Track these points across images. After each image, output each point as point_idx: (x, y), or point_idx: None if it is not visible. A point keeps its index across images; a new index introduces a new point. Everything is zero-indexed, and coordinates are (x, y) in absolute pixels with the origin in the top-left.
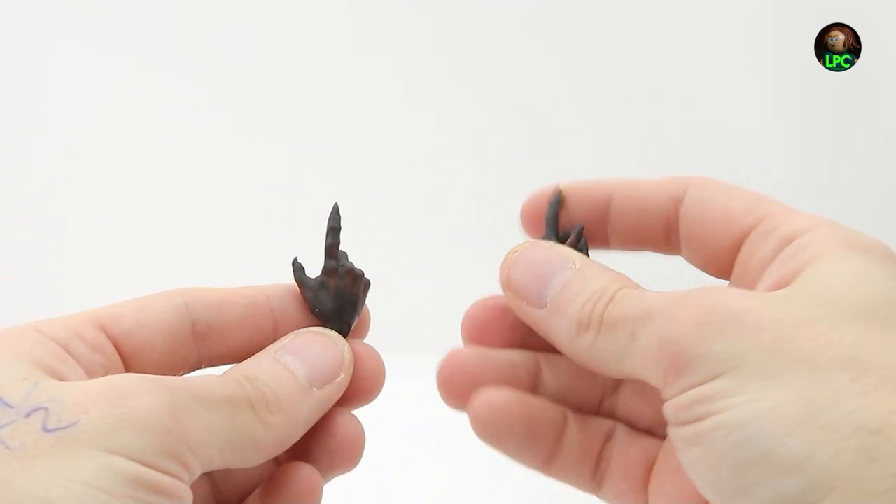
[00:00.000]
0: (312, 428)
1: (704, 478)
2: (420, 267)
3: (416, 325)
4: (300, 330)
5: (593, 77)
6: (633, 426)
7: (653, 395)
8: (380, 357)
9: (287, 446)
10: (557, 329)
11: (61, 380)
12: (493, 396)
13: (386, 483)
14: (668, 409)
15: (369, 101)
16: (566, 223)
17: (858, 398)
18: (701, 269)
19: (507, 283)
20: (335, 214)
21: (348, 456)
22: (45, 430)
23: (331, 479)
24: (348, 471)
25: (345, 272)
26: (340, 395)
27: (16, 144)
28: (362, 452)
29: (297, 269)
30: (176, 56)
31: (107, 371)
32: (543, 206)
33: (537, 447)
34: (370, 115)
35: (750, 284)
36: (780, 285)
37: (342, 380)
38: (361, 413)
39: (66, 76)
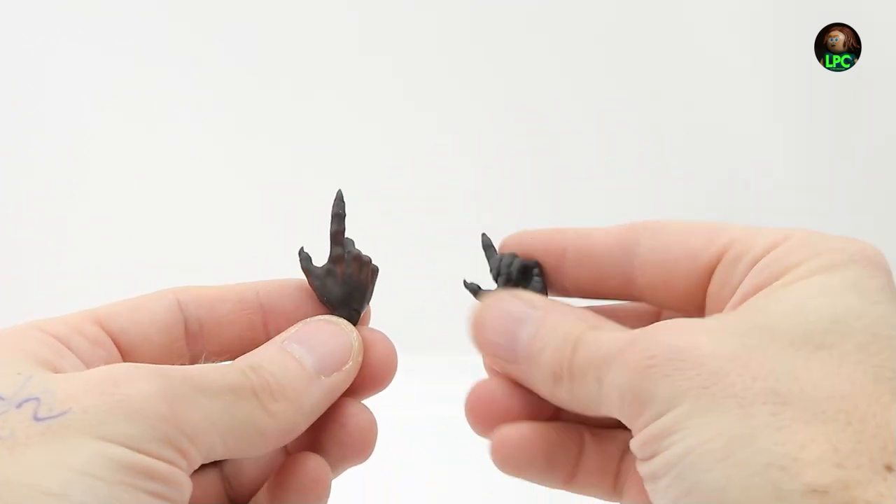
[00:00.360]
0: (324, 419)
1: None
2: (420, 267)
3: (416, 325)
4: (308, 319)
5: (593, 77)
6: None
7: None
8: (391, 343)
9: (294, 435)
10: (535, 380)
11: (60, 373)
12: (511, 433)
13: (386, 483)
14: (633, 447)
15: (369, 101)
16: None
17: (774, 433)
18: (672, 311)
19: (478, 345)
20: (339, 201)
21: (360, 447)
22: (36, 419)
23: (343, 470)
24: (361, 462)
25: (351, 259)
26: (350, 382)
27: (16, 144)
28: (374, 444)
29: (304, 258)
30: (176, 56)
31: (107, 364)
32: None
33: (556, 472)
34: (370, 115)
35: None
36: (741, 302)
37: (350, 367)
38: None
39: (66, 76)
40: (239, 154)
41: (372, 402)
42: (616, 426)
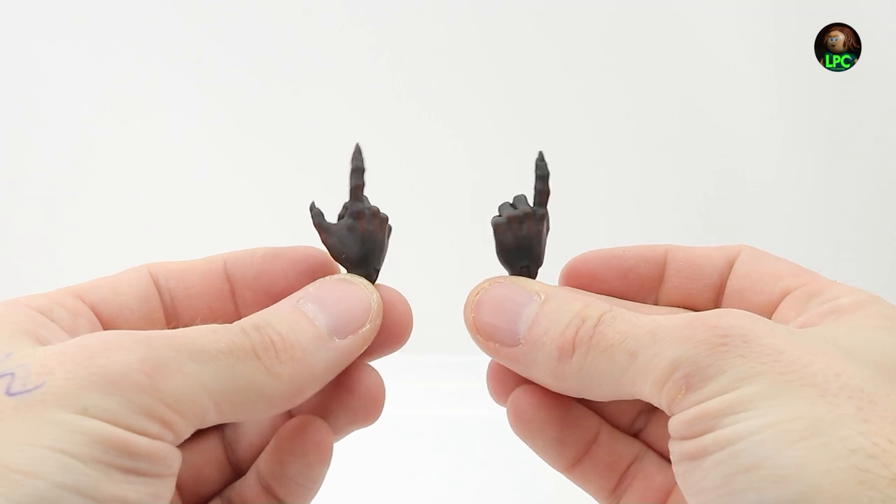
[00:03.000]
0: (330, 381)
1: (692, 487)
2: (420, 267)
3: (416, 325)
4: (327, 277)
5: (593, 77)
6: (662, 455)
7: None
8: (407, 303)
9: (301, 399)
10: (536, 362)
11: (44, 344)
12: (533, 393)
13: (386, 482)
14: (673, 425)
15: (369, 102)
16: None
17: (861, 424)
18: None
19: (475, 328)
20: (358, 154)
21: (369, 412)
22: (9, 394)
23: (350, 432)
24: (368, 425)
25: (371, 215)
26: (366, 346)
27: (16, 144)
28: (382, 407)
29: (317, 214)
30: (176, 56)
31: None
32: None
33: (565, 450)
34: (370, 115)
35: None
36: (805, 326)
37: (367, 330)
38: None
39: (66, 76)
40: (240, 154)
41: (400, 349)
42: (631, 429)
